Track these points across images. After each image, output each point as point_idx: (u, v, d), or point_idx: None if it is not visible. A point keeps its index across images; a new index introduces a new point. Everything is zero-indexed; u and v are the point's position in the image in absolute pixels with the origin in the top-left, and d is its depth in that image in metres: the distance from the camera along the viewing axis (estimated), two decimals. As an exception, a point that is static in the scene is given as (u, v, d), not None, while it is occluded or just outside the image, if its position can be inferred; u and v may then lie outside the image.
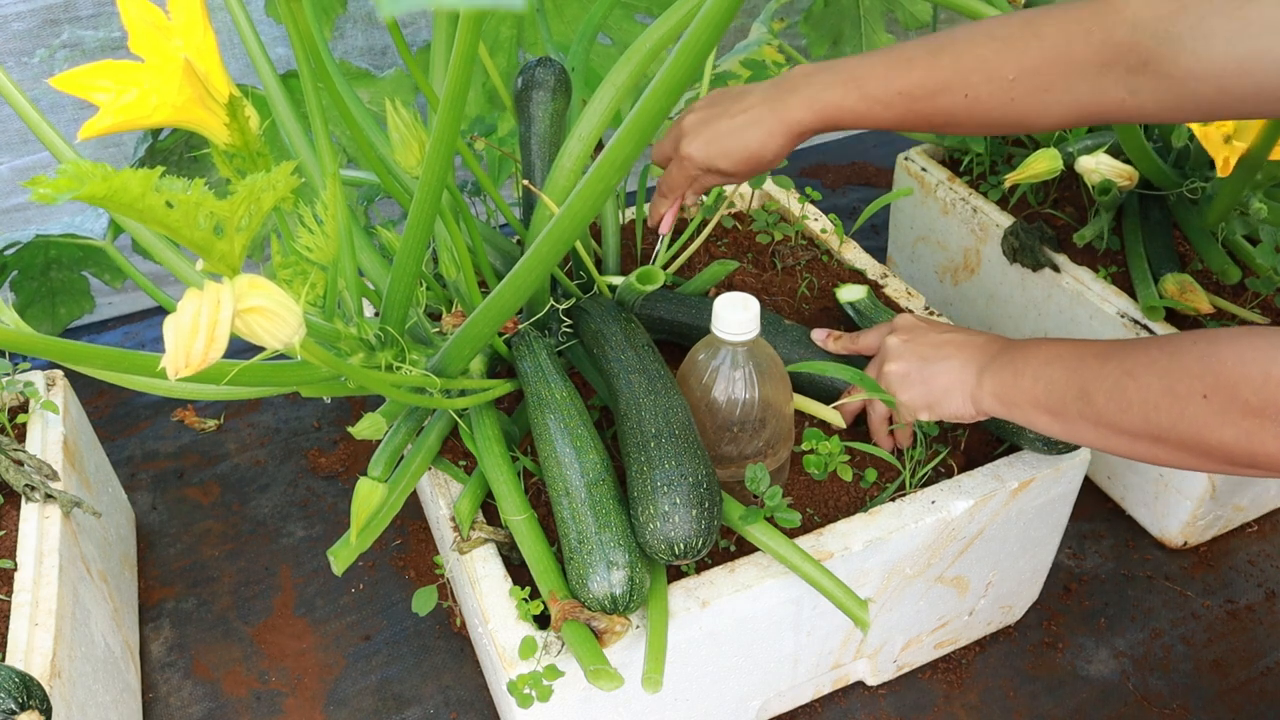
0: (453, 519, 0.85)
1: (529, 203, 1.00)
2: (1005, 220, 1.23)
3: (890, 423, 0.89)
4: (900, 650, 0.99)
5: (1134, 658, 1.05)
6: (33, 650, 0.81)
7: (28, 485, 0.93)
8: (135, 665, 1.05)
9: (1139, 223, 1.16)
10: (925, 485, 0.88)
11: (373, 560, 1.18)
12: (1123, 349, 0.69)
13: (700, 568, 0.82)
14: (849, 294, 1.03)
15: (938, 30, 1.46)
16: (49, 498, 0.93)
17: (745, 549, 0.83)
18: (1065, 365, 0.72)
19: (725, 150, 0.84)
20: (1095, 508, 1.21)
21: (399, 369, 0.80)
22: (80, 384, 1.15)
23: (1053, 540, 1.00)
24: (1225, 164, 1.00)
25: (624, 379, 0.84)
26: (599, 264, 1.10)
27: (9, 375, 1.04)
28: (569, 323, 0.98)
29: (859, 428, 0.94)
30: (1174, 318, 1.08)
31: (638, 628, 0.77)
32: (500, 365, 0.96)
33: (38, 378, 1.06)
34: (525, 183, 0.98)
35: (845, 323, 1.04)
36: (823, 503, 0.88)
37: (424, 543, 1.19)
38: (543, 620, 0.78)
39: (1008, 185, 1.17)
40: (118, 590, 1.06)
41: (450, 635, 1.10)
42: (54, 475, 0.96)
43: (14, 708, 0.72)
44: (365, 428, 0.80)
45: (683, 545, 0.73)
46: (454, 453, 0.93)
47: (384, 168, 0.82)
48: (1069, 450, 0.89)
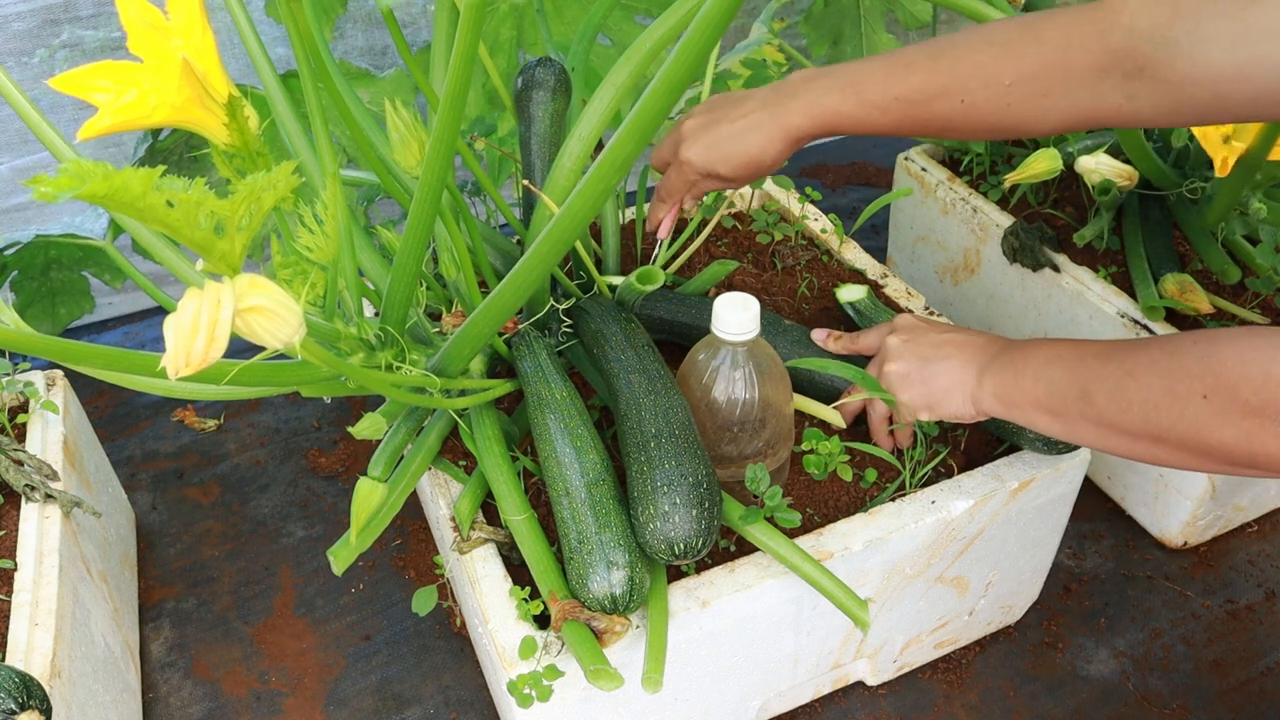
0: (453, 519, 0.85)
1: (529, 203, 1.00)
2: (1005, 220, 1.23)
3: (890, 423, 0.89)
4: (900, 650, 0.99)
5: (1134, 658, 1.05)
6: (33, 650, 0.81)
7: (28, 485, 0.93)
8: (135, 665, 1.05)
9: (1139, 223, 1.16)
10: (925, 485, 0.88)
11: (373, 560, 1.18)
12: (1123, 349, 0.69)
13: (700, 568, 0.82)
14: (849, 294, 1.03)
15: (937, 30, 1.46)
16: (49, 498, 0.93)
17: (745, 549, 0.83)
18: (1066, 365, 0.72)
19: (724, 155, 0.84)
20: (1095, 508, 1.21)
21: (399, 369, 0.80)
22: (80, 384, 1.15)
23: (1053, 540, 1.00)
24: (1224, 164, 1.00)
25: (624, 379, 0.84)
26: (599, 264, 1.10)
27: (9, 375, 1.04)
28: (569, 323, 0.98)
29: (859, 428, 0.94)
30: (1174, 318, 1.08)
31: (638, 628, 0.77)
32: (500, 365, 0.96)
33: (38, 378, 1.06)
34: (525, 183, 0.98)
35: (845, 323, 1.04)
36: (823, 503, 0.88)
37: (424, 543, 1.19)
38: (543, 620, 0.78)
39: (1008, 185, 1.17)
40: (118, 590, 1.06)
41: (450, 635, 1.10)
42: (54, 475, 0.96)
43: (14, 708, 0.72)
44: (365, 428, 0.80)
45: (683, 545, 0.73)
46: (454, 453, 0.93)
47: (384, 168, 0.82)
48: (1069, 450, 0.89)
